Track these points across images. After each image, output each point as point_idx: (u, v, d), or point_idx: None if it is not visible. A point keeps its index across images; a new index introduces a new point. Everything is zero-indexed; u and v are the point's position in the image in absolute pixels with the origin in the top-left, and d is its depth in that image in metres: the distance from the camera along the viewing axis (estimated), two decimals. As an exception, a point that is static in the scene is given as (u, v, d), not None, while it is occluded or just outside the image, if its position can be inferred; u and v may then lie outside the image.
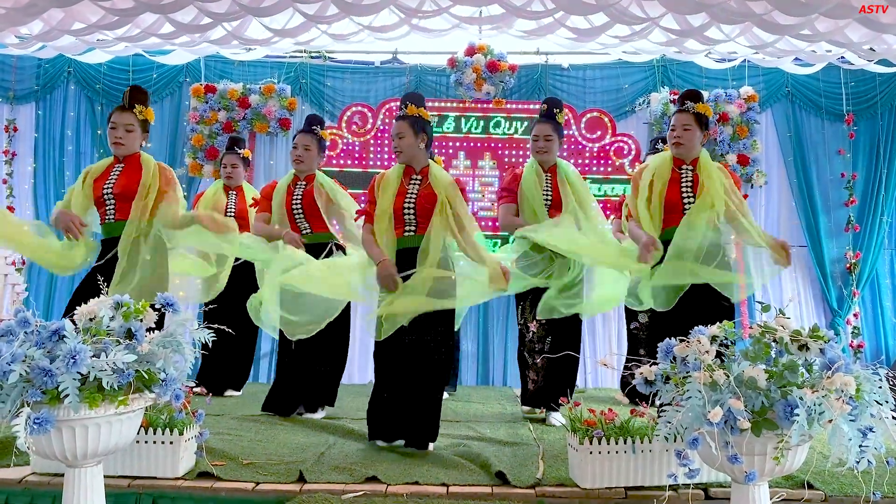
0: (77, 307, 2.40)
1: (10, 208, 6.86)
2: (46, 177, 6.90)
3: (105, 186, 3.82)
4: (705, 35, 5.39)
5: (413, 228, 3.60)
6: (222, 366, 5.14)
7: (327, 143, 5.18)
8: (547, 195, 4.27)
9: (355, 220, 4.35)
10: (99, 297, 2.46)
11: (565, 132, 6.65)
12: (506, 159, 6.63)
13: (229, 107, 6.70)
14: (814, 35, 5.18)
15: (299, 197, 4.45)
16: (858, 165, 6.68)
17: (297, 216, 4.44)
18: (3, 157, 6.92)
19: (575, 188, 4.29)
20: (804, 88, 6.71)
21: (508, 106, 6.69)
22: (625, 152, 6.61)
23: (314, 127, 4.54)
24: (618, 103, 6.85)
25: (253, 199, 4.99)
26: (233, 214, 5.17)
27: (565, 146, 6.65)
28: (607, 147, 6.62)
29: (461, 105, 6.72)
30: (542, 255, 4.11)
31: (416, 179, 3.68)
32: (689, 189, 3.66)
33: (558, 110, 4.37)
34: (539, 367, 4.26)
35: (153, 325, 2.42)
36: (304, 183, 4.50)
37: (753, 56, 6.29)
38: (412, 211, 3.60)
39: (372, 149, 6.67)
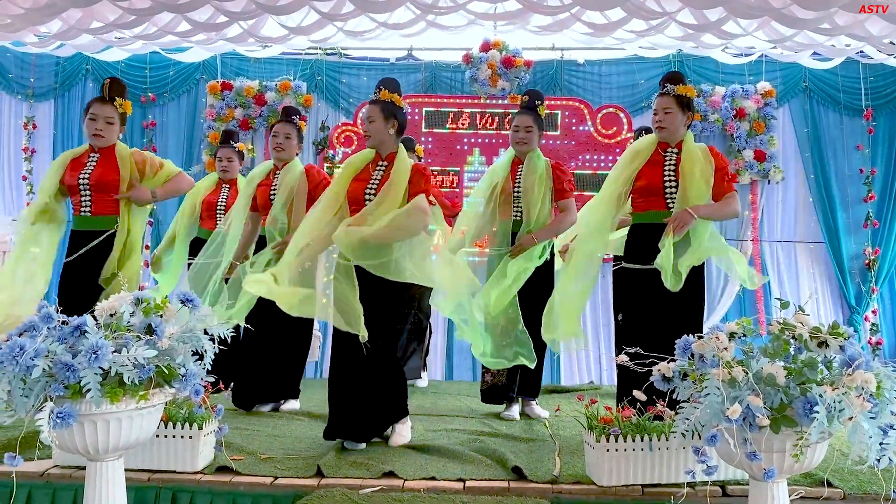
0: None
1: (30, 205, 6.94)
2: (65, 174, 6.97)
3: (81, 176, 3.81)
4: (722, 29, 5.35)
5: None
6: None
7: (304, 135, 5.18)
8: (517, 187, 4.21)
9: None
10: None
11: (581, 128, 6.67)
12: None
13: (245, 104, 6.74)
14: (833, 29, 5.13)
15: (278, 186, 4.44)
16: (877, 161, 6.63)
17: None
18: (22, 154, 7.01)
19: (541, 180, 4.19)
20: (822, 83, 6.65)
21: (524, 102, 6.67)
22: (641, 148, 6.57)
23: (293, 116, 4.59)
24: (633, 99, 6.82)
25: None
26: (223, 207, 5.18)
27: (574, 142, 6.65)
28: (623, 142, 6.60)
29: (476, 101, 6.71)
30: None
31: (381, 166, 3.57)
32: (671, 172, 3.62)
33: (539, 102, 4.36)
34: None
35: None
36: (281, 173, 4.50)
37: (771, 51, 6.25)
38: (373, 197, 3.48)
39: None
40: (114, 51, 6.55)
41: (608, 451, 2.80)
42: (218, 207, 5.15)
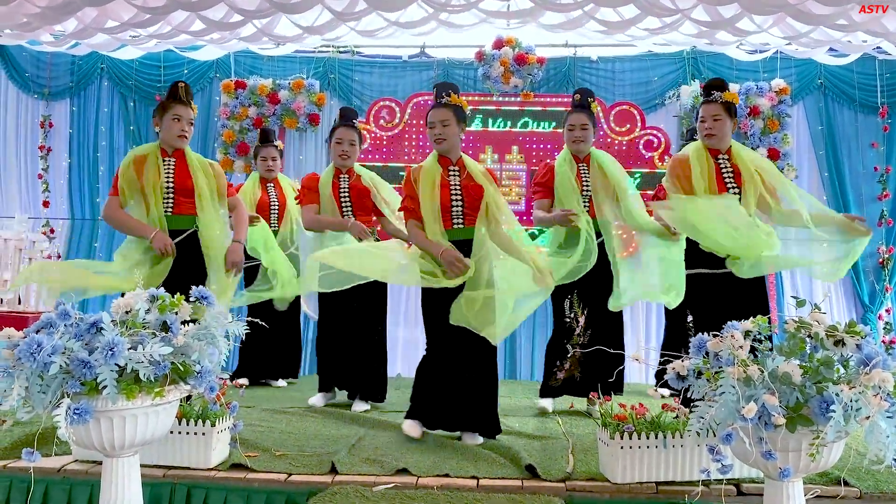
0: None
1: (45, 203, 7.01)
2: (81, 172, 7.04)
3: (166, 181, 3.81)
4: (737, 26, 5.32)
5: (461, 221, 3.56)
6: (268, 355, 5.29)
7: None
8: (586, 186, 4.24)
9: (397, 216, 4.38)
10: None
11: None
12: (533, 153, 6.61)
13: (259, 102, 6.76)
14: (849, 25, 5.09)
15: (346, 190, 4.46)
16: (892, 158, 6.57)
17: (345, 210, 4.45)
18: (38, 153, 7.07)
19: (611, 175, 4.24)
20: (837, 80, 6.60)
21: (536, 99, 6.67)
22: (654, 145, 6.56)
23: (354, 121, 4.56)
24: (647, 96, 6.79)
25: (296, 190, 5.03)
26: (276, 208, 5.26)
27: (600, 138, 6.62)
28: (637, 140, 6.57)
29: (489, 98, 6.70)
30: (581, 248, 4.00)
31: (454, 171, 3.61)
32: (731, 179, 3.70)
33: (591, 99, 4.36)
34: (577, 359, 4.25)
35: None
36: (346, 176, 4.50)
37: (786, 47, 6.20)
38: (460, 203, 3.56)
39: (404, 143, 6.68)
40: (128, 49, 6.59)
41: (622, 448, 2.79)
42: (271, 208, 5.21)
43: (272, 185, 5.34)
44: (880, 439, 2.15)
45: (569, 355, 4.27)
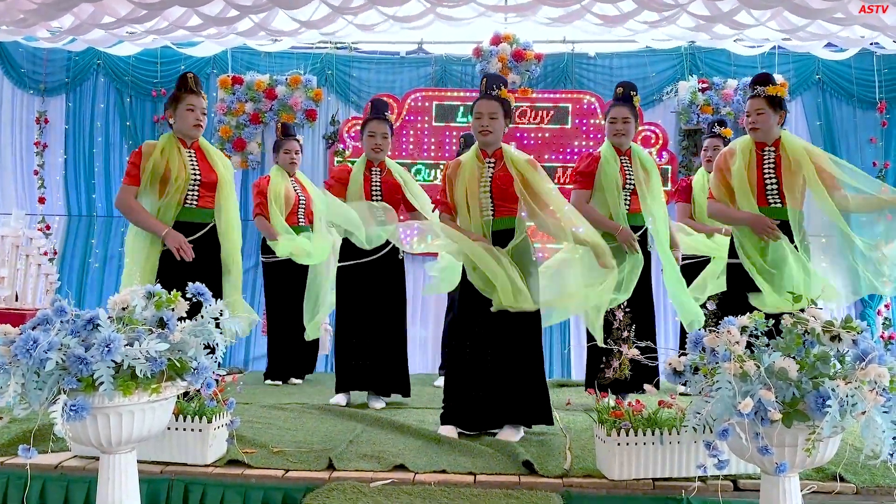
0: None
1: (41, 199, 7.00)
2: (77, 167, 7.02)
3: (192, 173, 3.79)
4: (735, 20, 5.32)
5: (491, 212, 3.58)
6: (288, 354, 5.32)
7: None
8: (629, 180, 4.25)
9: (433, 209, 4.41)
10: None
11: (592, 121, 6.65)
12: (532, 150, 6.60)
13: (256, 98, 6.75)
14: (847, 18, 5.08)
15: (378, 184, 4.44)
16: (891, 154, 6.56)
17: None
18: (34, 149, 7.05)
19: (651, 175, 4.29)
20: (835, 75, 6.59)
21: (534, 95, 6.66)
22: (652, 141, 6.56)
23: (385, 113, 4.52)
24: (645, 92, 6.76)
25: (325, 183, 5.00)
26: (304, 202, 5.28)
27: (585, 135, 6.64)
28: (634, 136, 6.54)
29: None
30: (613, 246, 3.96)
31: (489, 163, 3.63)
32: (772, 170, 3.75)
33: (634, 93, 4.37)
34: (629, 358, 4.22)
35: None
36: (378, 170, 4.48)
37: (784, 42, 6.19)
38: (488, 195, 3.57)
39: (402, 139, 6.68)
40: (125, 45, 6.58)
41: (619, 444, 2.79)
42: (300, 203, 5.24)
43: (293, 181, 5.31)
44: (876, 434, 2.16)
45: (615, 352, 4.23)
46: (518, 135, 6.63)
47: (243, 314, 3.76)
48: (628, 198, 4.28)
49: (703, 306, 4.87)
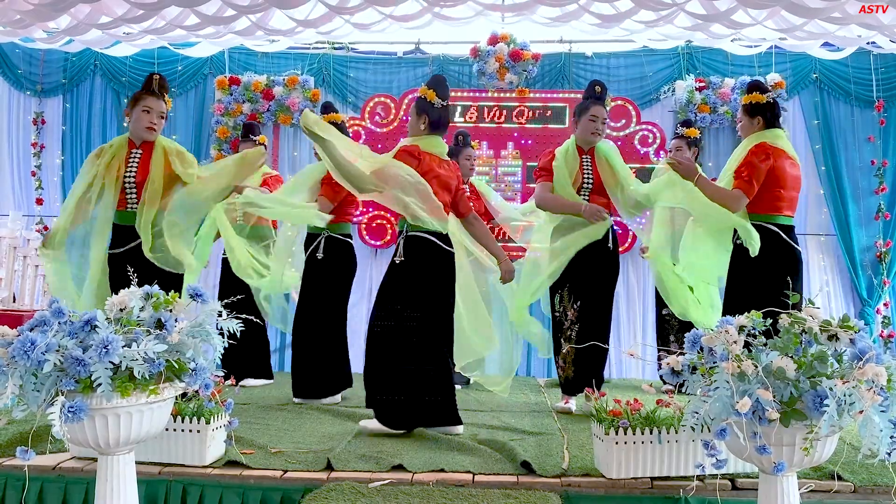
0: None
1: (39, 200, 6.99)
2: (74, 169, 7.00)
3: (127, 174, 3.76)
4: (732, 19, 5.32)
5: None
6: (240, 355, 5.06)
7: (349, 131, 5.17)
8: (587, 180, 4.24)
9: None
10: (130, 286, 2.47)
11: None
12: (529, 149, 6.60)
13: (253, 98, 6.75)
14: (844, 17, 5.08)
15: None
16: (889, 152, 6.56)
17: None
18: (31, 150, 7.04)
19: (615, 167, 4.28)
20: (833, 74, 6.60)
21: (532, 95, 6.66)
22: (649, 140, 6.56)
23: (330, 113, 4.57)
24: (642, 91, 6.79)
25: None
26: None
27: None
28: (632, 136, 6.57)
29: (484, 94, 6.69)
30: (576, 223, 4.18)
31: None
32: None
33: (606, 93, 4.47)
34: (569, 356, 4.23)
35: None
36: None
37: (781, 41, 6.20)
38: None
39: (399, 139, 6.65)
40: (122, 46, 6.57)
41: (617, 443, 2.79)
42: None
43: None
44: (874, 433, 2.16)
45: (563, 351, 4.25)
46: (515, 134, 6.64)
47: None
48: (586, 197, 4.23)
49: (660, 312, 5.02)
